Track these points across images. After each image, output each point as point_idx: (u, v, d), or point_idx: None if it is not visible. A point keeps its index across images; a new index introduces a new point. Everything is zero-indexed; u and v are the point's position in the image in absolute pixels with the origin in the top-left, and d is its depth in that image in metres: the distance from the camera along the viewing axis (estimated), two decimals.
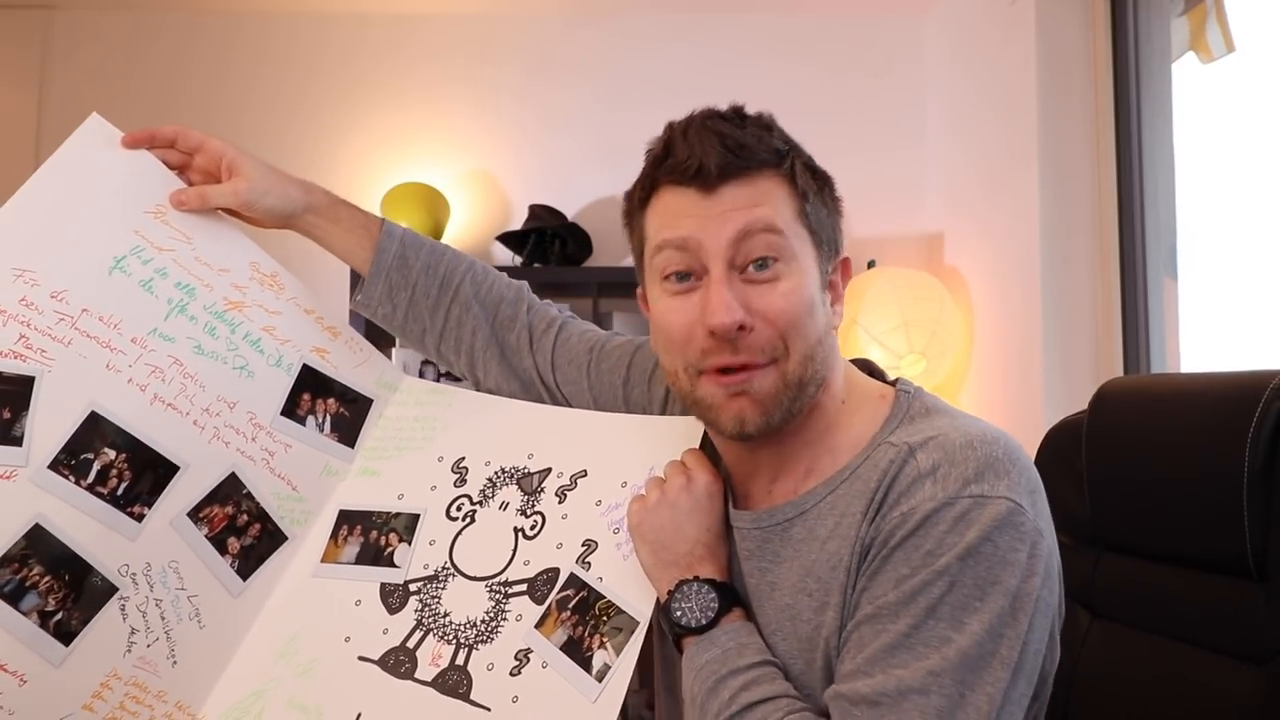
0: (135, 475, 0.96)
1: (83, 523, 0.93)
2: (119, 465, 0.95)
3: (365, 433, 1.11)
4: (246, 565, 1.02)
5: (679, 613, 0.87)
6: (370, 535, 1.06)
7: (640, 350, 1.09)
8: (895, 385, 0.92)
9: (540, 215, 2.90)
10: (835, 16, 3.09)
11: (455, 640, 0.97)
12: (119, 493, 0.95)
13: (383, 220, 1.11)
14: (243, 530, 1.02)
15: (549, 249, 2.85)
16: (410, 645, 0.98)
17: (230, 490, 1.01)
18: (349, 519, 1.07)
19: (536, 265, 2.83)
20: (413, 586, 1.02)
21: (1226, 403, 0.95)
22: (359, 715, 0.95)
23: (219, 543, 1.00)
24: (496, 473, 1.06)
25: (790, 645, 0.85)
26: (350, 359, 1.12)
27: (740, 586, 0.90)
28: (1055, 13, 2.35)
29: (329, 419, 1.09)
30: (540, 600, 0.96)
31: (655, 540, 0.89)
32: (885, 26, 3.10)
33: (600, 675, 0.89)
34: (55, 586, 0.91)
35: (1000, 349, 2.57)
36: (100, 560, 0.94)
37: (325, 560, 1.05)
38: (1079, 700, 1.07)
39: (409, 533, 1.05)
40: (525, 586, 0.97)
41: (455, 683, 0.94)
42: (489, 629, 0.96)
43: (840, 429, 0.88)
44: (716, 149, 0.82)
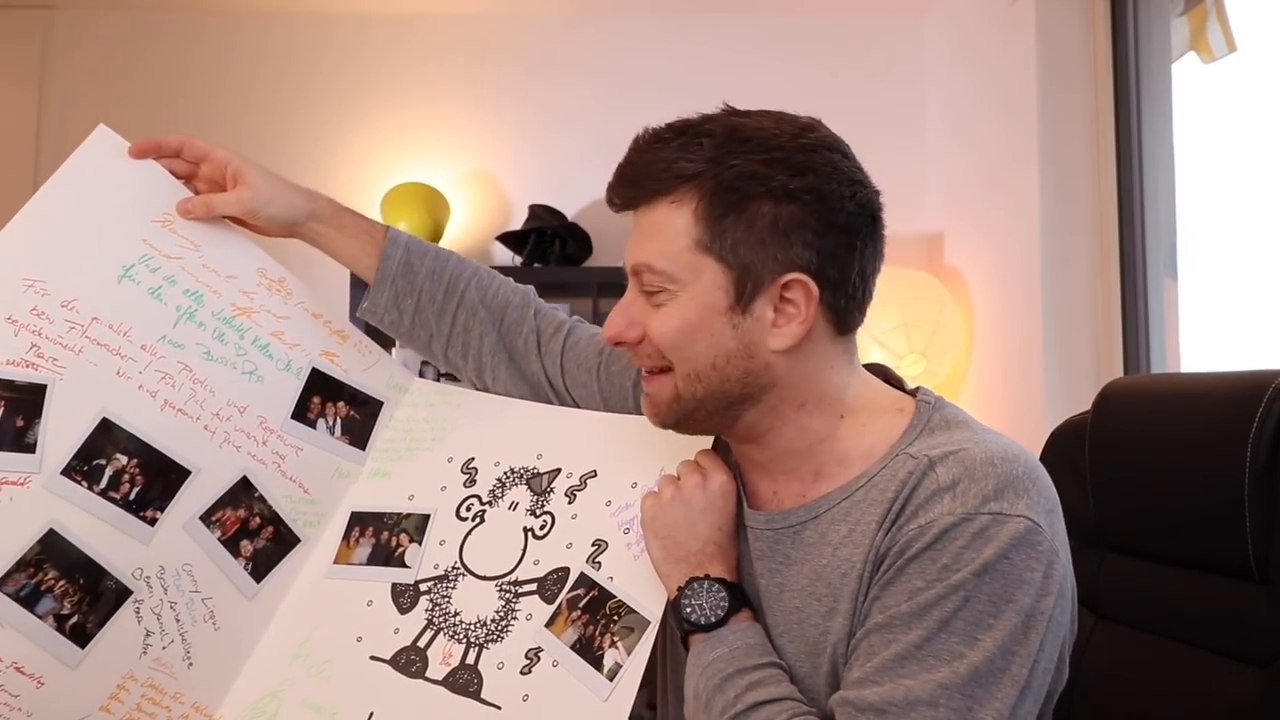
0: (147, 480, 0.97)
1: (96, 527, 0.94)
2: (131, 470, 0.97)
3: (376, 434, 1.12)
4: (260, 567, 1.03)
5: (689, 609, 0.87)
6: (381, 536, 1.06)
7: None
8: (915, 394, 0.91)
9: (540, 215, 2.90)
10: (835, 16, 3.09)
11: (466, 639, 0.97)
12: (131, 498, 0.96)
13: (387, 227, 1.11)
14: (255, 533, 1.03)
15: (549, 249, 2.85)
16: (421, 645, 0.99)
17: (242, 494, 1.02)
18: (361, 520, 1.08)
19: (536, 265, 2.83)
20: (423, 586, 1.02)
21: (1228, 403, 0.95)
22: (371, 714, 0.96)
23: (232, 546, 1.01)
24: (506, 473, 1.06)
25: (797, 648, 0.85)
26: (359, 362, 1.12)
27: (750, 586, 0.91)
28: (1055, 13, 2.36)
29: (339, 422, 1.10)
30: (550, 599, 0.96)
31: (668, 536, 0.90)
32: (885, 26, 3.10)
33: (611, 674, 0.89)
34: (70, 590, 0.93)
35: (1000, 349, 2.57)
36: (114, 564, 0.95)
37: (338, 561, 1.06)
38: (1081, 701, 1.07)
39: (419, 533, 1.05)
40: (535, 586, 0.98)
41: (466, 682, 0.95)
42: (499, 628, 0.97)
43: (843, 439, 0.88)
44: (619, 182, 0.87)
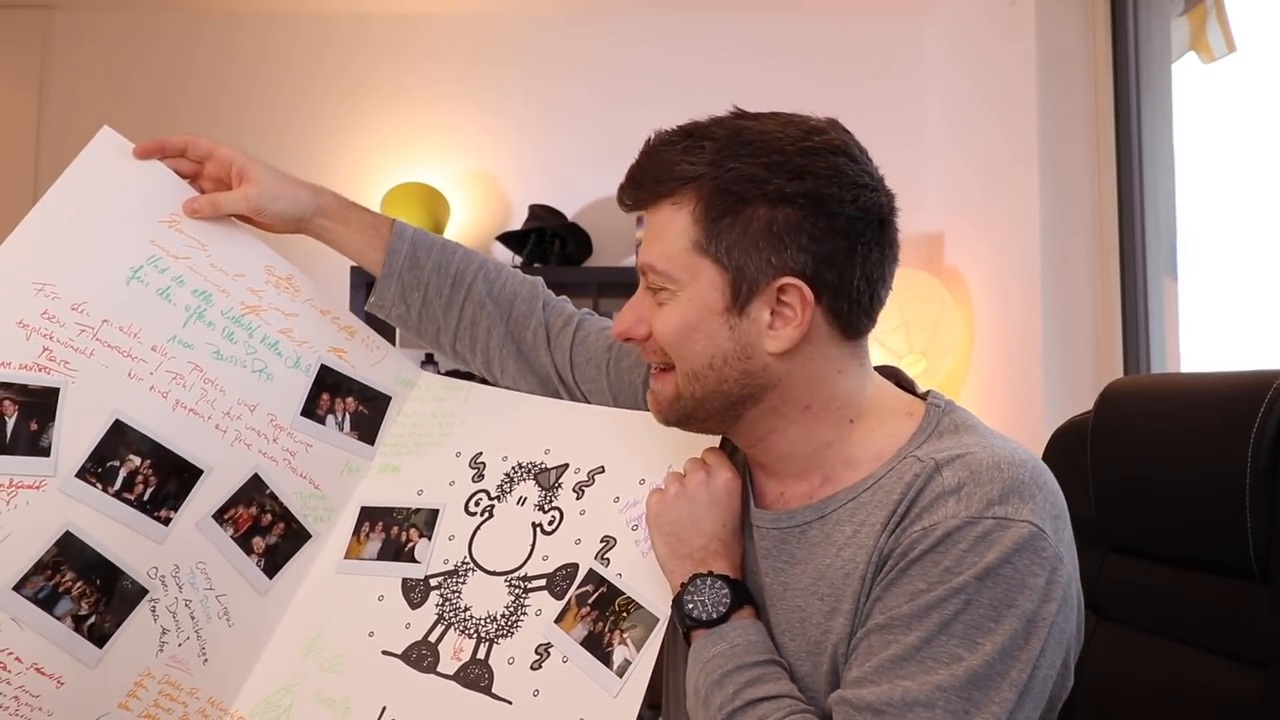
0: (160, 480, 0.98)
1: (111, 528, 0.95)
2: (144, 471, 0.97)
3: (385, 429, 1.12)
4: (272, 564, 1.04)
5: (691, 605, 0.87)
6: (391, 531, 1.07)
7: None
8: (926, 398, 0.91)
9: (540, 215, 2.90)
10: (835, 16, 3.09)
11: (476, 634, 0.98)
12: (145, 498, 0.97)
13: (393, 221, 1.11)
14: (267, 530, 1.04)
15: (549, 249, 2.85)
16: (432, 639, 0.99)
17: (254, 491, 1.03)
18: (371, 515, 1.08)
19: (536, 265, 2.84)
20: (433, 581, 1.03)
21: (1228, 403, 0.96)
22: (384, 709, 0.97)
23: (245, 543, 1.02)
24: (514, 468, 1.07)
25: (798, 647, 0.85)
26: (367, 357, 1.13)
27: (755, 584, 0.91)
28: (1055, 13, 2.36)
29: (348, 417, 1.11)
30: (560, 595, 0.96)
31: (672, 533, 0.90)
32: (885, 26, 3.10)
33: (621, 670, 0.90)
34: (87, 591, 0.94)
35: (1000, 349, 2.57)
36: (130, 564, 0.96)
37: (348, 557, 1.07)
38: (1082, 701, 1.07)
39: (429, 528, 1.06)
40: (544, 581, 0.98)
41: (477, 676, 0.95)
42: (509, 623, 0.97)
43: (851, 443, 0.88)
44: (628, 183, 0.89)
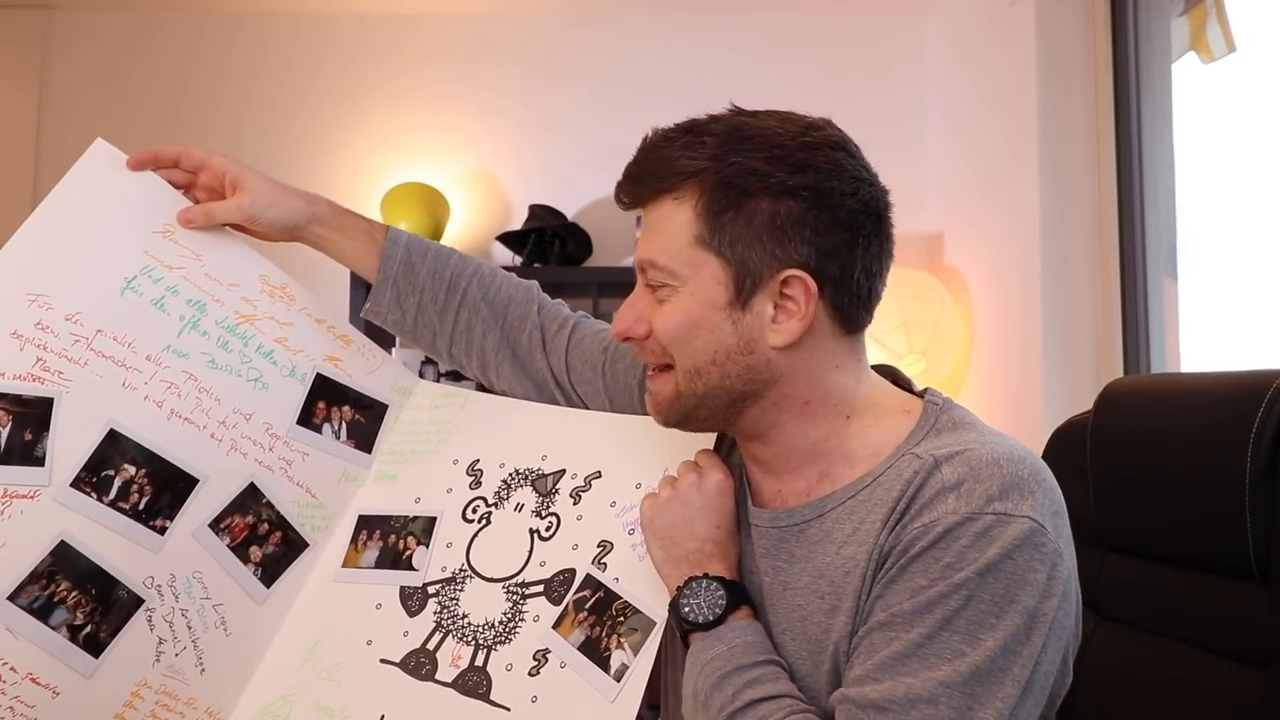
0: (156, 490, 0.98)
1: (106, 538, 0.95)
2: (139, 480, 0.98)
3: (382, 437, 1.13)
4: (269, 573, 1.04)
5: (687, 608, 0.87)
6: (389, 539, 1.07)
7: None
8: (924, 396, 0.92)
9: (540, 215, 2.90)
10: (835, 16, 3.09)
11: (474, 641, 0.98)
12: (141, 507, 0.97)
13: (387, 227, 1.12)
14: (264, 539, 1.04)
15: (549, 249, 2.85)
16: (430, 647, 0.99)
17: (250, 500, 1.03)
18: (368, 524, 1.08)
19: (536, 265, 2.84)
20: (431, 589, 1.03)
21: (1228, 403, 0.96)
22: (382, 717, 0.97)
23: (241, 552, 1.02)
24: (511, 474, 1.07)
25: (799, 646, 0.85)
26: (363, 366, 1.13)
27: (754, 584, 0.91)
28: (1055, 13, 2.36)
29: (345, 426, 1.11)
30: (557, 601, 0.97)
31: (666, 537, 0.90)
32: (885, 26, 3.10)
33: (618, 675, 0.90)
34: (83, 601, 0.94)
35: (1000, 349, 2.57)
36: (125, 574, 0.96)
37: (346, 565, 1.07)
38: (1082, 700, 1.07)
39: (426, 536, 1.06)
40: (542, 587, 0.98)
41: (475, 683, 0.95)
42: (507, 630, 0.97)
43: (849, 439, 0.89)
44: (627, 180, 0.89)
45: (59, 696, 0.92)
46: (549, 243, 2.84)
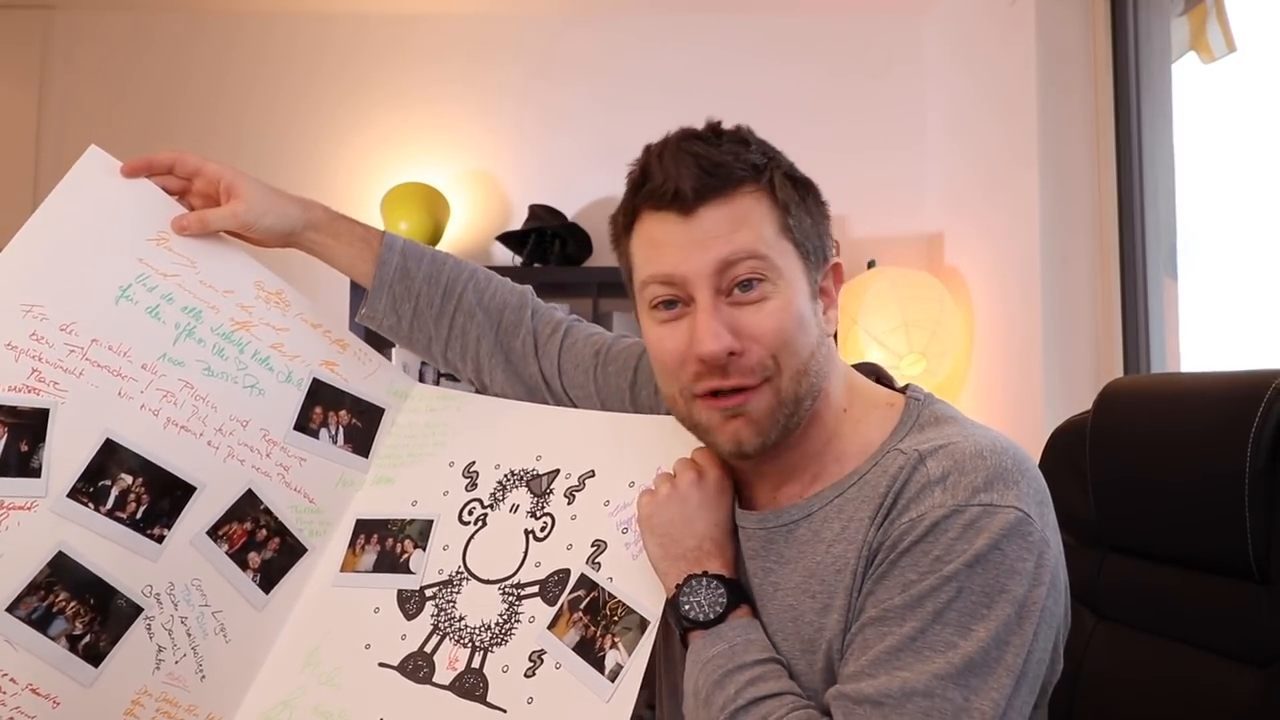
0: (153, 498, 0.98)
1: (104, 547, 0.95)
2: (137, 489, 0.97)
3: (379, 441, 1.12)
4: (268, 578, 1.04)
5: (687, 606, 0.87)
6: (386, 543, 1.07)
7: (647, 353, 1.09)
8: (905, 391, 0.92)
9: (540, 215, 2.90)
10: (835, 16, 3.09)
11: (471, 643, 0.98)
12: (138, 516, 0.97)
13: (383, 232, 1.11)
14: (262, 545, 1.04)
15: (549, 249, 2.85)
16: (428, 650, 0.99)
17: (248, 507, 1.03)
18: (366, 528, 1.08)
19: (536, 265, 2.84)
20: (428, 592, 1.03)
21: (1228, 403, 0.95)
22: None
23: (240, 558, 1.02)
24: (506, 475, 1.07)
25: (792, 646, 0.85)
26: (359, 370, 1.13)
27: (744, 586, 0.91)
28: (1055, 13, 2.36)
29: (341, 430, 1.10)
30: (552, 601, 0.97)
31: (665, 534, 0.90)
32: (885, 26, 3.10)
33: (613, 675, 0.90)
34: (81, 611, 0.94)
35: (1000, 349, 2.57)
36: (123, 583, 0.96)
37: (344, 569, 1.06)
38: (1082, 701, 1.07)
39: (423, 539, 1.06)
40: (537, 588, 0.98)
41: (472, 686, 0.95)
42: (503, 631, 0.97)
43: (843, 436, 0.89)
44: (691, 170, 0.82)
45: (59, 706, 0.92)
46: (549, 243, 2.84)
